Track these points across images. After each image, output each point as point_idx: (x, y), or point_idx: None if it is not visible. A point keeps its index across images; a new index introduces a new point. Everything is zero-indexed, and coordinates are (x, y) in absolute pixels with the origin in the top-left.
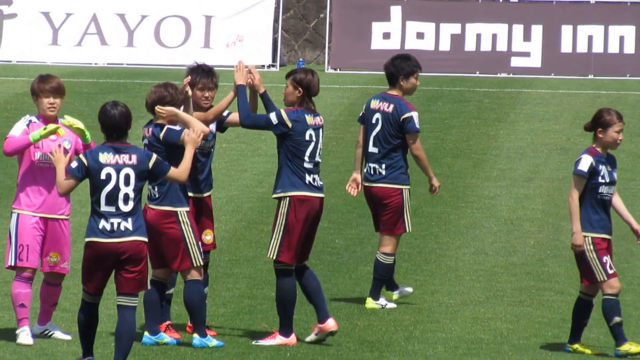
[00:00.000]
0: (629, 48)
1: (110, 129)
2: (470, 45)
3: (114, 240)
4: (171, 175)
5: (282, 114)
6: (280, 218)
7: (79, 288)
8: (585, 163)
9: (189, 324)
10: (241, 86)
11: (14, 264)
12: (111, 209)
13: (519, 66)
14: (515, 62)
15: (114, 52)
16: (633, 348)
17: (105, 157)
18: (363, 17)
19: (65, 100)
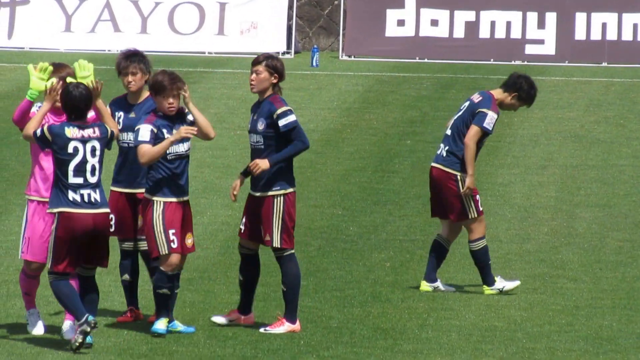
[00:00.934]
0: None
1: (71, 110)
2: (484, 33)
3: (90, 211)
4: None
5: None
6: (277, 211)
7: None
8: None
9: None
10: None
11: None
12: (79, 180)
13: (533, 53)
14: (529, 50)
15: (127, 39)
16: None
17: (71, 132)
18: (377, 4)
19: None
